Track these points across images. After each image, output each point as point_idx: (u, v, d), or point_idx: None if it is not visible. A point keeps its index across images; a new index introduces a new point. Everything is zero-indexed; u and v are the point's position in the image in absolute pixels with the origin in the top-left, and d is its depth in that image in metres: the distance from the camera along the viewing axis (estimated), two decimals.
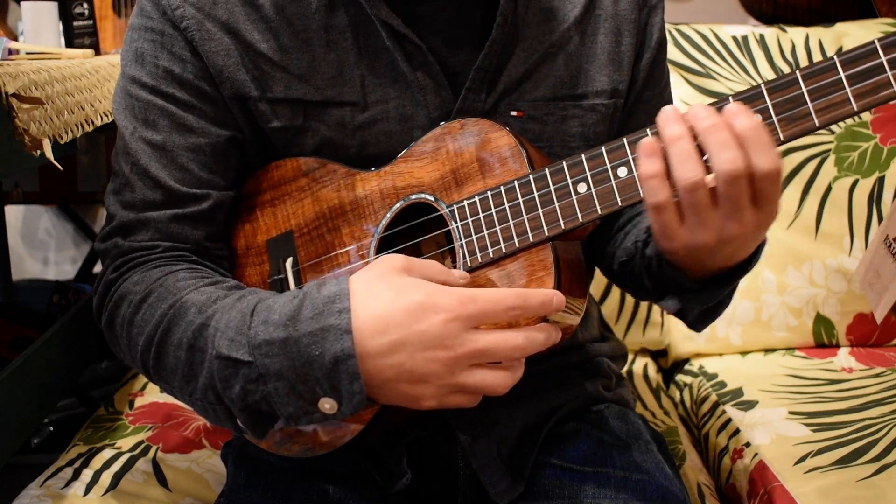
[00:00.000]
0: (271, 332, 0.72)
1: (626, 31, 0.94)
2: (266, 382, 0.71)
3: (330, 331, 0.70)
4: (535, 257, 0.79)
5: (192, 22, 0.86)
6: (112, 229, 0.88)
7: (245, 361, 0.72)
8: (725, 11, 2.19)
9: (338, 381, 0.70)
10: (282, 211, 0.93)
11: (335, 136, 0.90)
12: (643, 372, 1.52)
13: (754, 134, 0.69)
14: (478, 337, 0.71)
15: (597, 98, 0.93)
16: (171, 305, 0.79)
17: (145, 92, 0.88)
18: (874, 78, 0.68)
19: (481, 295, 0.71)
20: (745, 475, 1.15)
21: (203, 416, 0.81)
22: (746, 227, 0.72)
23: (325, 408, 0.71)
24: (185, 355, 0.76)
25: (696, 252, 0.76)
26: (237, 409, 0.74)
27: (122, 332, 0.83)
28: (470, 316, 0.70)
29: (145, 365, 0.81)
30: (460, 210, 0.83)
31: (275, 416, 0.74)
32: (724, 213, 0.71)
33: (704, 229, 0.72)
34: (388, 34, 0.87)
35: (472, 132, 0.84)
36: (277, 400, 0.72)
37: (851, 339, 1.53)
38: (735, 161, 0.68)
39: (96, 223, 2.49)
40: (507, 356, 0.72)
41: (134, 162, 0.87)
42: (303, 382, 0.71)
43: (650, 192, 0.72)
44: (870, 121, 1.52)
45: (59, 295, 1.99)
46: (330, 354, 0.69)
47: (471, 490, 0.94)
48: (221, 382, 0.74)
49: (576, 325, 0.86)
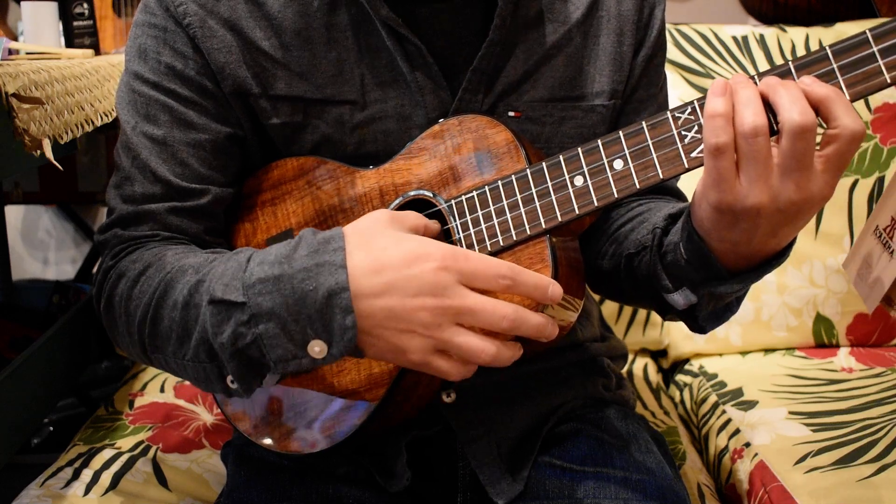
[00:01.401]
0: (266, 270, 0.72)
1: (627, 32, 0.94)
2: (257, 324, 0.72)
3: (325, 266, 0.71)
4: (532, 249, 0.80)
5: (195, 19, 0.87)
6: (112, 221, 0.89)
7: (238, 303, 0.72)
8: (725, 11, 2.19)
9: (330, 316, 0.70)
10: (282, 210, 0.93)
11: (334, 133, 0.90)
12: (643, 372, 1.52)
13: (837, 96, 0.69)
14: (467, 293, 0.72)
15: (596, 99, 0.93)
16: (168, 272, 0.80)
17: (147, 87, 0.88)
18: (865, 67, 0.69)
19: (474, 254, 0.73)
20: (745, 475, 1.15)
21: (194, 383, 0.81)
22: (804, 194, 0.70)
23: (315, 351, 0.72)
24: (179, 314, 0.77)
25: (743, 218, 0.73)
26: (227, 356, 0.74)
27: (121, 310, 0.83)
28: (461, 270, 0.71)
29: (141, 336, 0.81)
30: (458, 205, 0.83)
31: (264, 363, 0.74)
32: (783, 171, 0.70)
33: (760, 185, 0.70)
34: (388, 34, 0.87)
35: (470, 128, 0.84)
36: (267, 342, 0.72)
37: (851, 339, 1.53)
38: (805, 114, 0.68)
39: (96, 223, 2.49)
40: (493, 323, 0.72)
41: (135, 156, 0.88)
42: (294, 321, 0.71)
43: (712, 132, 0.70)
44: (870, 121, 1.52)
45: (59, 295, 1.99)
46: (324, 288, 0.70)
47: (470, 490, 0.94)
48: (213, 328, 0.74)
49: (573, 321, 0.86)
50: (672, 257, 0.84)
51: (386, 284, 0.71)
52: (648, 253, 0.87)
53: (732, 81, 0.72)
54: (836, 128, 0.69)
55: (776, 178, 0.70)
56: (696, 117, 0.74)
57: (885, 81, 0.69)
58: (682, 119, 0.75)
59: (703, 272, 0.81)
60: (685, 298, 0.85)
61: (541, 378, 0.97)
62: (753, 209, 0.71)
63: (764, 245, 0.76)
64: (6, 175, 1.15)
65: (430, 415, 0.92)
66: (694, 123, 0.74)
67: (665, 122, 0.75)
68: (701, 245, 0.78)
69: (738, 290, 0.82)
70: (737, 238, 0.75)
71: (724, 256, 0.79)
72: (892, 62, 0.69)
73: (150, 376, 1.39)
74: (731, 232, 0.75)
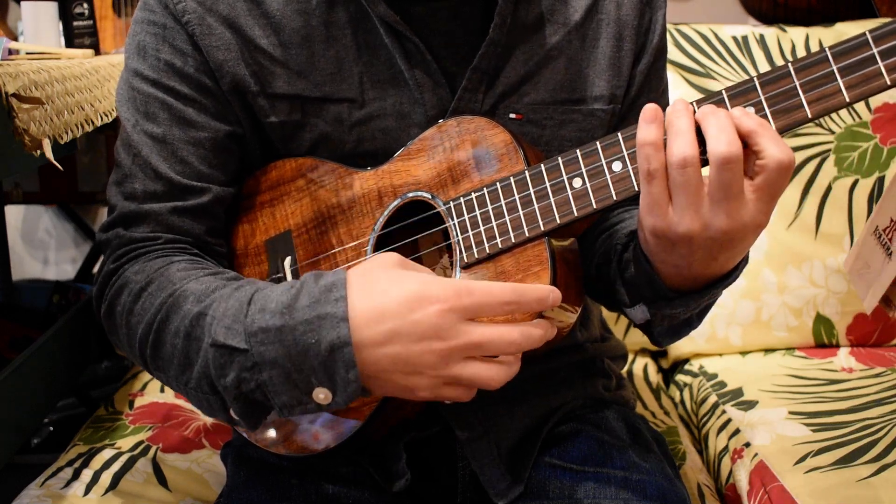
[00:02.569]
0: (267, 319, 0.72)
1: (627, 37, 0.93)
2: (261, 371, 0.71)
3: (326, 318, 0.70)
4: (530, 252, 0.80)
5: (194, 16, 0.87)
6: (113, 220, 0.89)
7: (241, 349, 0.72)
8: (725, 11, 2.19)
9: (333, 369, 0.70)
10: (280, 211, 0.93)
11: (332, 131, 0.90)
12: (643, 372, 1.52)
13: (762, 128, 0.70)
14: (473, 329, 0.71)
15: (596, 103, 0.93)
16: (170, 294, 0.79)
17: (146, 85, 0.88)
18: (866, 69, 0.69)
19: (477, 287, 0.71)
20: (745, 475, 1.15)
21: (197, 407, 0.81)
22: (735, 223, 0.72)
23: (320, 398, 0.71)
24: (181, 343, 0.76)
25: (678, 244, 0.74)
26: (231, 398, 0.74)
27: (122, 321, 0.83)
28: (465, 307, 0.70)
29: (143, 353, 0.81)
30: (457, 207, 0.83)
31: (268, 406, 0.74)
32: (713, 200, 0.71)
33: (691, 213, 0.72)
34: (387, 32, 0.87)
35: (469, 129, 0.84)
36: (272, 389, 0.72)
37: (851, 339, 1.53)
38: (731, 144, 0.69)
39: (96, 223, 2.49)
40: (501, 351, 0.72)
41: (136, 153, 0.88)
42: (298, 371, 0.71)
43: (643, 159, 0.72)
44: (870, 121, 1.52)
45: (59, 295, 1.99)
46: (326, 342, 0.69)
47: (470, 490, 0.94)
48: (216, 370, 0.73)
49: (573, 322, 0.86)
50: (629, 274, 0.86)
51: (389, 332, 0.70)
52: (611, 267, 0.90)
53: (670, 109, 0.74)
54: (764, 158, 0.70)
55: (706, 208, 0.72)
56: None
57: (886, 83, 0.69)
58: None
59: (649, 291, 0.83)
60: (642, 314, 0.87)
61: (541, 379, 0.97)
62: (686, 236, 0.73)
63: (705, 268, 0.77)
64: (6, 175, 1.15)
65: (429, 415, 0.92)
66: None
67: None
68: (646, 265, 0.81)
69: (685, 310, 0.83)
70: (676, 261, 0.77)
71: (668, 278, 0.80)
72: (892, 64, 0.69)
73: (149, 376, 1.39)
74: (671, 255, 0.77)
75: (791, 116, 0.72)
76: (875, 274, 0.87)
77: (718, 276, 0.79)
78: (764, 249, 1.51)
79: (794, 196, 1.51)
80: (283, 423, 0.89)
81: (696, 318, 0.88)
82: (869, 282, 0.88)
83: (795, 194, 1.51)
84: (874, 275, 0.87)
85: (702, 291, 0.80)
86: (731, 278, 0.80)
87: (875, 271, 0.87)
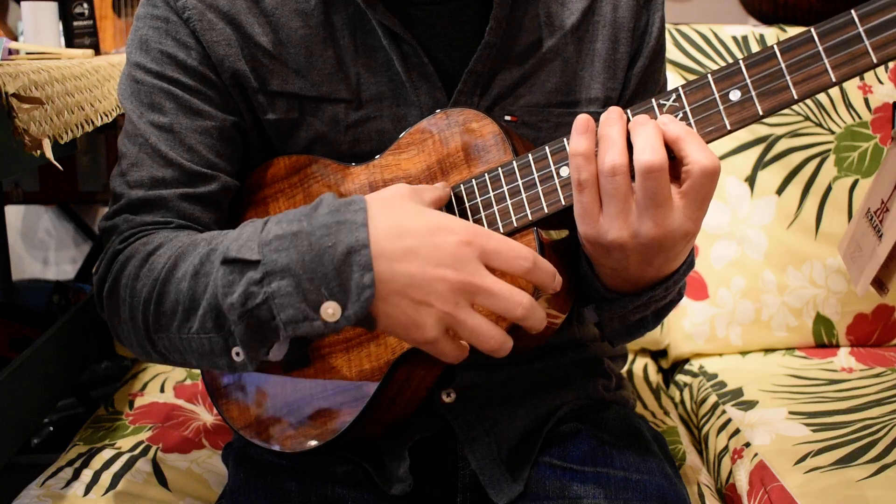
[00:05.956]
0: (284, 227, 0.71)
1: (623, 39, 0.93)
2: (270, 282, 0.70)
3: (346, 223, 0.69)
4: (520, 242, 0.80)
5: (194, 12, 0.87)
6: (120, 207, 0.87)
7: (252, 261, 0.70)
8: (725, 11, 2.19)
9: (348, 274, 0.68)
10: (274, 208, 0.93)
11: (329, 131, 0.90)
12: (643, 372, 1.52)
13: (688, 135, 0.72)
14: (486, 273, 0.71)
15: (591, 106, 0.93)
16: (179, 247, 0.78)
17: (150, 76, 0.88)
18: (852, 48, 0.69)
19: (497, 235, 0.72)
20: (745, 475, 1.15)
21: (197, 361, 0.78)
22: (663, 230, 0.73)
23: (328, 313, 0.69)
24: (188, 285, 0.75)
25: (612, 250, 0.76)
26: (235, 317, 0.71)
27: (126, 293, 0.81)
28: (483, 247, 0.70)
29: (145, 318, 0.79)
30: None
31: (274, 326, 0.71)
32: (640, 209, 0.72)
33: (620, 222, 0.73)
34: (385, 34, 0.87)
35: (457, 122, 0.85)
36: (279, 301, 0.69)
37: (851, 339, 1.53)
38: (655, 153, 0.71)
39: (96, 223, 2.49)
40: (508, 309, 0.71)
41: (143, 142, 0.87)
42: (309, 279, 0.69)
43: (574, 169, 0.75)
44: (870, 121, 1.52)
45: (59, 295, 1.99)
46: (343, 245, 0.68)
47: (470, 490, 0.94)
48: (223, 289, 0.72)
49: (559, 323, 0.87)
50: (581, 274, 0.88)
51: (408, 249, 0.69)
52: None
53: (603, 118, 0.75)
54: (689, 164, 0.72)
55: (634, 216, 0.74)
56: (682, 105, 0.75)
57: (872, 62, 0.69)
58: (666, 106, 0.75)
59: (593, 292, 0.86)
60: (592, 315, 0.90)
61: (541, 378, 0.97)
62: (616, 243, 0.75)
63: (642, 273, 0.80)
64: (6, 175, 1.15)
65: (429, 416, 0.92)
66: (679, 111, 0.75)
67: (650, 111, 0.76)
68: (587, 268, 0.84)
69: (633, 312, 0.85)
70: (613, 265, 0.79)
71: (608, 280, 0.83)
72: (878, 42, 0.68)
73: (150, 376, 1.39)
74: (607, 259, 0.79)
75: (777, 98, 0.72)
76: (867, 257, 0.87)
77: (657, 279, 0.82)
78: (764, 250, 1.51)
79: (794, 196, 1.51)
80: (276, 417, 0.89)
81: (652, 319, 0.90)
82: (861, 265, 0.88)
83: (795, 194, 1.51)
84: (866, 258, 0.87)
85: (640, 294, 0.83)
86: (670, 281, 0.82)
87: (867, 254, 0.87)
